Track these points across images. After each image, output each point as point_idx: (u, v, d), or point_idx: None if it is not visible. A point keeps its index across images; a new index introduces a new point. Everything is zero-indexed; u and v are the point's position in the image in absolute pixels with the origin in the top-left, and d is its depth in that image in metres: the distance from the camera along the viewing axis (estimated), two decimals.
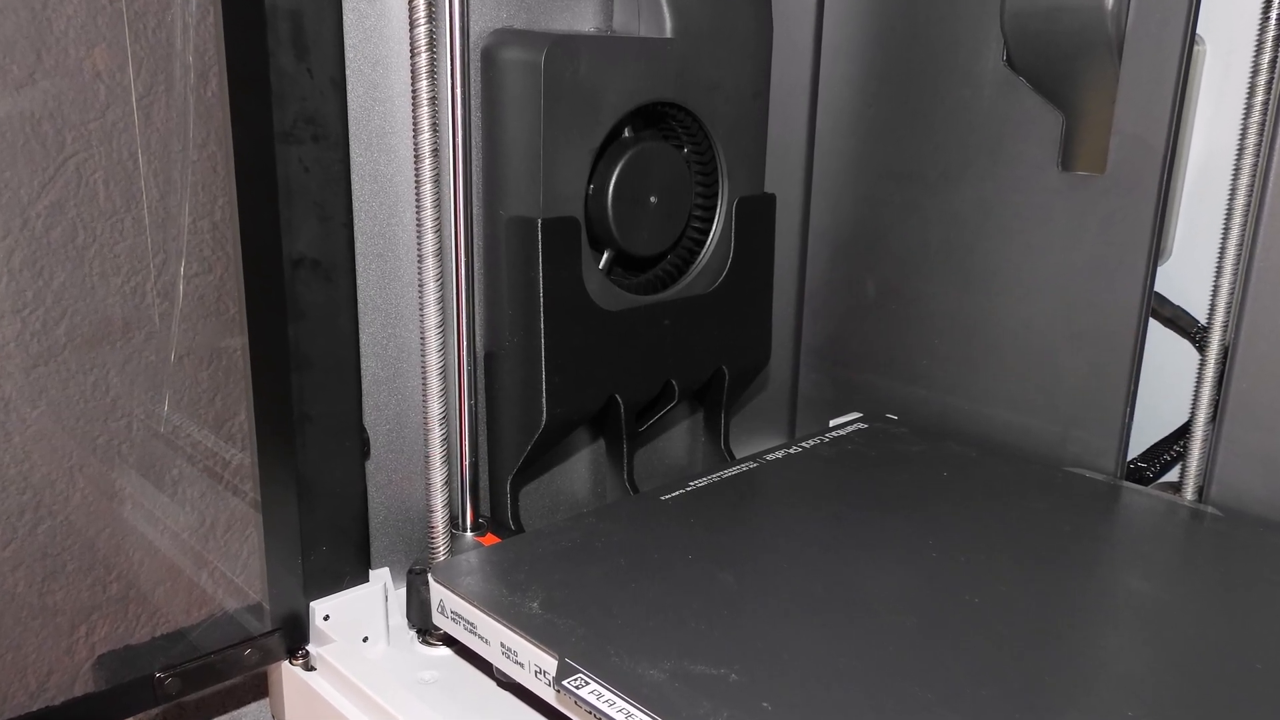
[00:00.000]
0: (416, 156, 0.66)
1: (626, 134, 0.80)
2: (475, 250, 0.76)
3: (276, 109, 0.64)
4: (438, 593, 0.64)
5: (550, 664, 0.56)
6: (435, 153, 0.66)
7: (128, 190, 0.68)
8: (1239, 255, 0.75)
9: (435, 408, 0.69)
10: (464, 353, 0.74)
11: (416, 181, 0.66)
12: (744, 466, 0.81)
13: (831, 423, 0.92)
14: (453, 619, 0.63)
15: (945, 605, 0.62)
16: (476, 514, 0.77)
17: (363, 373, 0.73)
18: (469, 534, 0.76)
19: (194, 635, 0.72)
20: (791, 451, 0.84)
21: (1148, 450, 0.88)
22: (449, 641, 0.72)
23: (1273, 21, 0.72)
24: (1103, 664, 0.58)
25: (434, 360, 0.68)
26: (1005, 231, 0.87)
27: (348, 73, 0.68)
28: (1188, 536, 0.73)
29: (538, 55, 0.71)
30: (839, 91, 0.96)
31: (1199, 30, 0.79)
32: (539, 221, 0.73)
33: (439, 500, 0.71)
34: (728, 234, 0.86)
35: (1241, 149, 0.74)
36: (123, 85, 0.67)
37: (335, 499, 0.71)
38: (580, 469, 0.89)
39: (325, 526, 0.71)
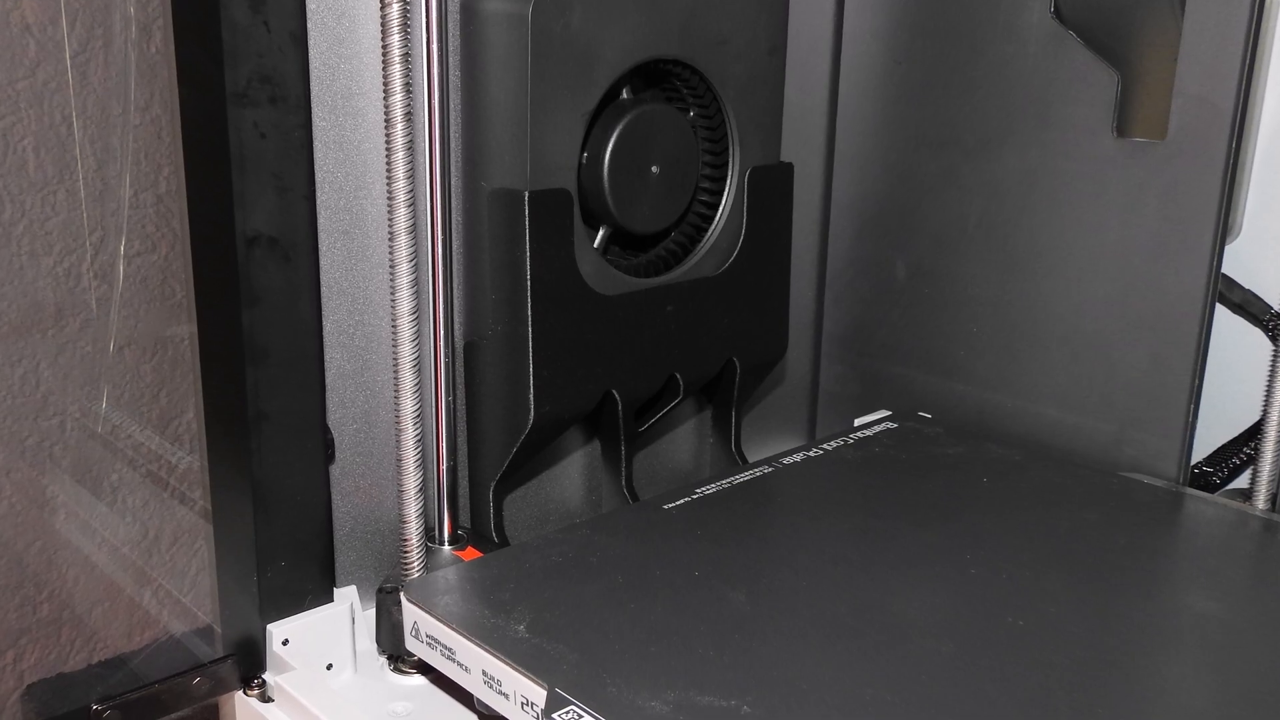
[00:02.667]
0: (387, 121, 0.66)
1: (625, 95, 0.80)
2: (453, 227, 0.75)
3: (229, 67, 0.63)
4: (411, 614, 0.64)
5: (539, 695, 0.56)
6: (408, 117, 0.66)
7: (61, 159, 0.68)
8: None
9: (408, 405, 0.69)
10: (441, 343, 0.73)
11: (387, 149, 0.66)
12: (757, 471, 0.81)
13: (856, 422, 0.92)
14: (428, 644, 0.63)
15: (986, 629, 0.62)
16: (455, 525, 0.76)
17: (326, 365, 0.73)
18: (446, 548, 0.76)
19: (136, 662, 0.72)
20: (811, 454, 0.84)
21: (1214, 453, 0.87)
22: (424, 669, 0.72)
23: None
24: (1164, 695, 0.57)
25: (407, 351, 0.68)
26: (1053, 205, 0.86)
27: (309, 26, 0.68)
28: (1260, 550, 0.73)
29: (524, 6, 0.71)
30: (865, 47, 0.96)
31: None
32: (526, 194, 0.73)
33: (412, 510, 0.71)
34: (739, 208, 0.86)
35: None
36: (55, 40, 0.67)
37: (295, 508, 0.71)
38: (572, 474, 0.89)
39: (284, 539, 0.70)
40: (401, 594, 0.66)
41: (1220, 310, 0.87)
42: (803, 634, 0.61)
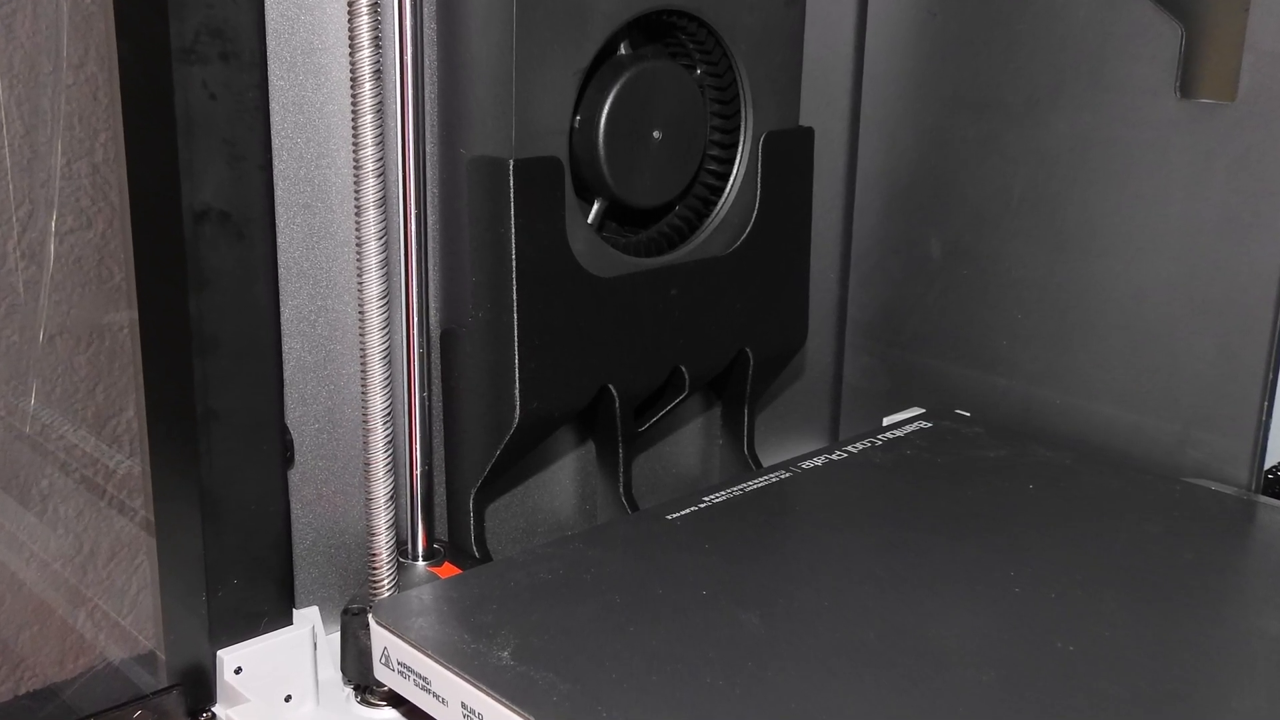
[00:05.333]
0: (354, 80, 0.66)
1: (623, 51, 0.79)
2: (429, 200, 0.75)
3: (174, 19, 0.63)
4: (381, 638, 0.64)
5: None
6: (377, 75, 0.66)
7: None
8: None
9: (378, 402, 0.69)
10: (414, 331, 0.73)
11: (354, 112, 0.66)
12: (773, 477, 0.81)
13: (885, 421, 0.92)
14: (400, 672, 0.63)
15: (1033, 656, 0.62)
16: (430, 538, 0.76)
17: (285, 357, 0.73)
18: (421, 563, 0.76)
19: (68, 693, 0.72)
20: (834, 457, 0.84)
21: None
22: (395, 701, 0.72)
23: None
24: None
25: (376, 341, 0.68)
26: (1108, 176, 0.86)
27: None
28: None
29: None
30: None
31: None
32: (510, 163, 0.73)
33: (382, 520, 0.70)
34: (752, 179, 0.86)
35: None
36: None
37: (249, 519, 0.71)
38: (564, 480, 0.89)
39: (237, 554, 0.70)
40: (370, 616, 0.66)
41: None
42: (824, 662, 0.61)
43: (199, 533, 0.69)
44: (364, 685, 0.73)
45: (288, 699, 0.72)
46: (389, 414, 0.69)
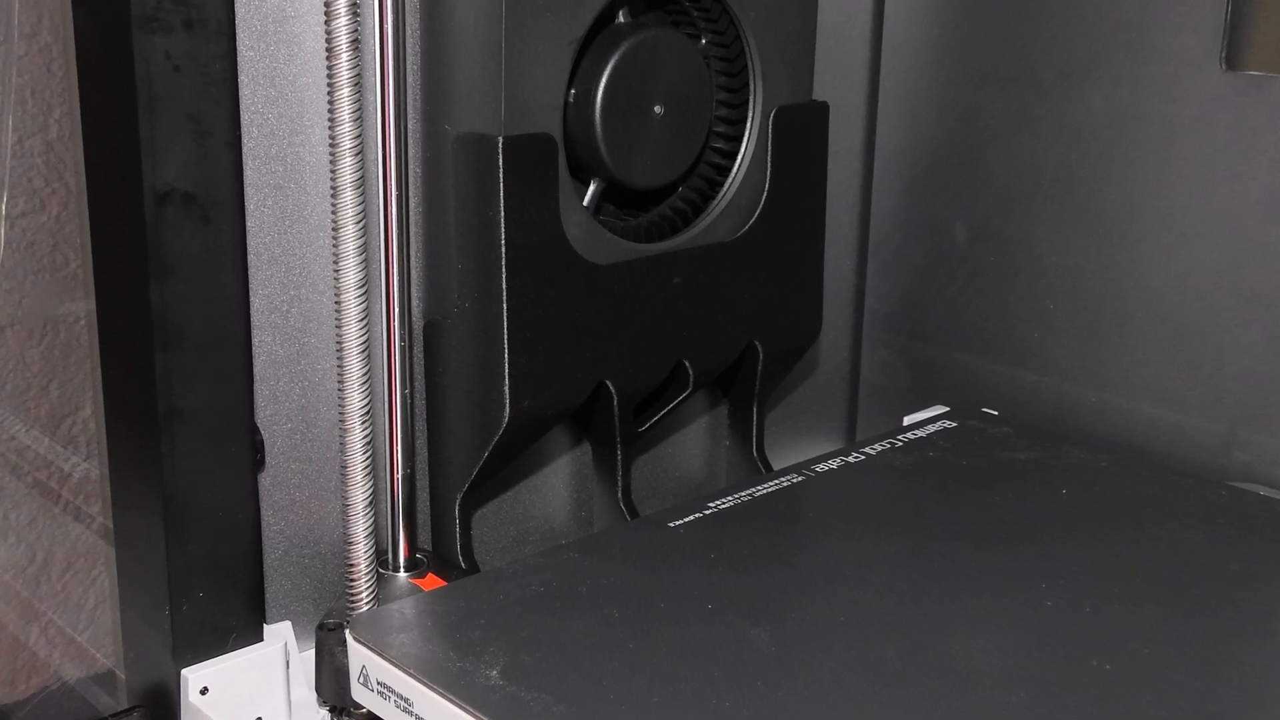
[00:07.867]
0: (330, 50, 0.66)
1: (621, 19, 0.79)
2: (411, 181, 0.75)
3: None
4: (359, 656, 0.64)
5: None
6: (355, 45, 0.66)
7: None
8: None
9: (356, 399, 0.69)
10: (395, 323, 0.73)
11: (330, 85, 0.66)
12: (784, 481, 0.81)
13: (906, 420, 0.92)
14: (379, 692, 0.63)
15: (1066, 675, 0.62)
16: (413, 547, 0.77)
17: (255, 351, 0.73)
18: (402, 574, 0.76)
19: (20, 715, 0.72)
20: (851, 460, 0.84)
21: None
22: None
23: None
24: None
25: (354, 333, 0.68)
26: (1148, 154, 0.86)
27: None
28: None
29: None
30: None
31: None
32: (499, 140, 0.73)
33: (361, 528, 0.71)
34: (762, 158, 0.86)
35: None
36: None
37: (217, 526, 0.71)
38: (557, 485, 0.89)
39: (203, 565, 0.71)
40: (347, 631, 0.66)
41: None
42: (840, 681, 0.61)
43: (162, 542, 0.69)
44: (340, 707, 0.73)
45: None
46: (368, 413, 0.69)
